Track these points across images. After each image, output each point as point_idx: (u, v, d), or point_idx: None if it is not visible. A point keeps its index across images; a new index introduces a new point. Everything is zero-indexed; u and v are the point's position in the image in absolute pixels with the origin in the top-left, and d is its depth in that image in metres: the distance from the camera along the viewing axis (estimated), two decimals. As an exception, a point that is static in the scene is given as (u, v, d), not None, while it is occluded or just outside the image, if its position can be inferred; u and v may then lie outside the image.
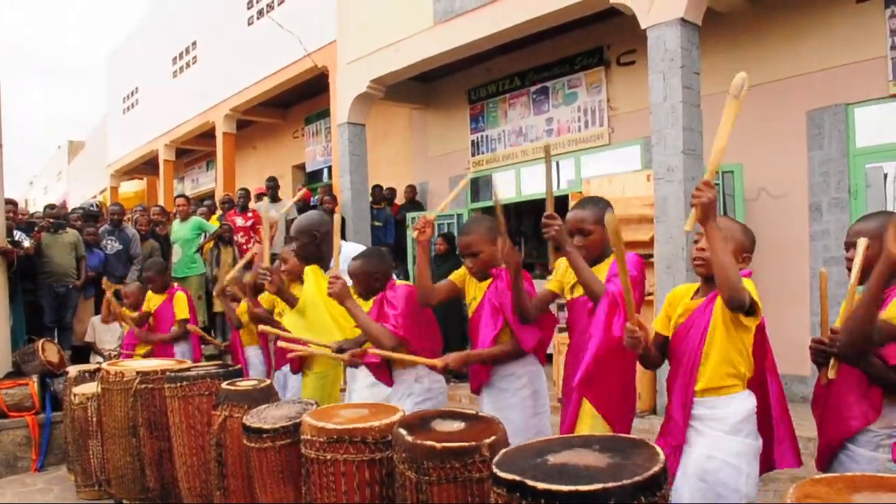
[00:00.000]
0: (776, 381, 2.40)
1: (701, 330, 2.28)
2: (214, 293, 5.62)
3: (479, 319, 3.06)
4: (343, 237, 4.14)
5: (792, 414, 2.49)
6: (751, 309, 2.16)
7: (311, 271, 3.81)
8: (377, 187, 9.90)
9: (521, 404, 2.98)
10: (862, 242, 2.23)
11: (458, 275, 3.23)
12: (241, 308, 5.08)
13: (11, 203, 7.48)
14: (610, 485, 1.47)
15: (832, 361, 2.28)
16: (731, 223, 2.47)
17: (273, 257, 4.77)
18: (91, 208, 9.51)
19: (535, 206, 9.55)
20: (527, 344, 2.94)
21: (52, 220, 7.35)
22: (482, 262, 3.02)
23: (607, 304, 2.56)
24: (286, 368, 4.34)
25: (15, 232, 7.04)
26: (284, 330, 3.84)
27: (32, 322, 7.15)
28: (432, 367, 3.03)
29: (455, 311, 7.45)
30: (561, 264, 2.97)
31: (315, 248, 3.75)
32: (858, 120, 6.07)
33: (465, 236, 3.07)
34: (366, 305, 3.30)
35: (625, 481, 1.49)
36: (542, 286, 3.08)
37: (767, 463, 2.42)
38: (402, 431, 2.14)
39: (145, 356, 5.47)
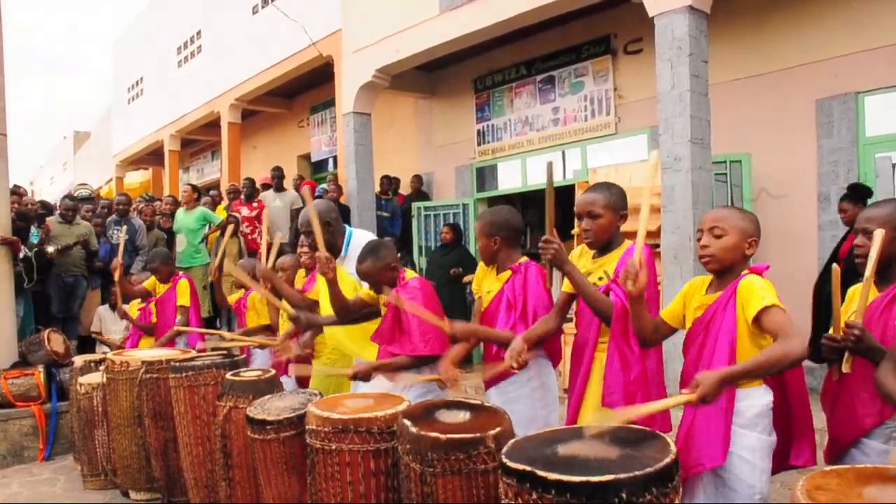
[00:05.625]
0: (796, 376, 2.32)
1: (720, 325, 2.22)
2: (211, 276, 5.57)
3: (494, 312, 3.04)
4: (348, 225, 4.10)
5: (802, 405, 2.43)
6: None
7: None
8: (385, 178, 9.85)
9: (530, 396, 2.94)
10: (879, 234, 2.17)
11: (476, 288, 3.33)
12: (254, 295, 5.04)
13: (16, 194, 7.48)
14: (621, 476, 1.45)
15: (846, 355, 2.23)
16: (729, 211, 2.35)
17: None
18: (81, 193, 9.34)
19: (541, 197, 9.49)
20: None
21: (63, 212, 7.37)
22: (480, 248, 3.16)
23: (621, 318, 2.53)
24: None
25: (31, 228, 7.08)
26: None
27: (40, 312, 7.16)
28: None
29: (458, 298, 7.82)
30: (573, 253, 2.93)
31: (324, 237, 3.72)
32: (868, 109, 6.00)
33: (478, 220, 3.23)
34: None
35: (636, 473, 1.47)
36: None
37: (782, 460, 2.36)
38: (407, 422, 2.12)
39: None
